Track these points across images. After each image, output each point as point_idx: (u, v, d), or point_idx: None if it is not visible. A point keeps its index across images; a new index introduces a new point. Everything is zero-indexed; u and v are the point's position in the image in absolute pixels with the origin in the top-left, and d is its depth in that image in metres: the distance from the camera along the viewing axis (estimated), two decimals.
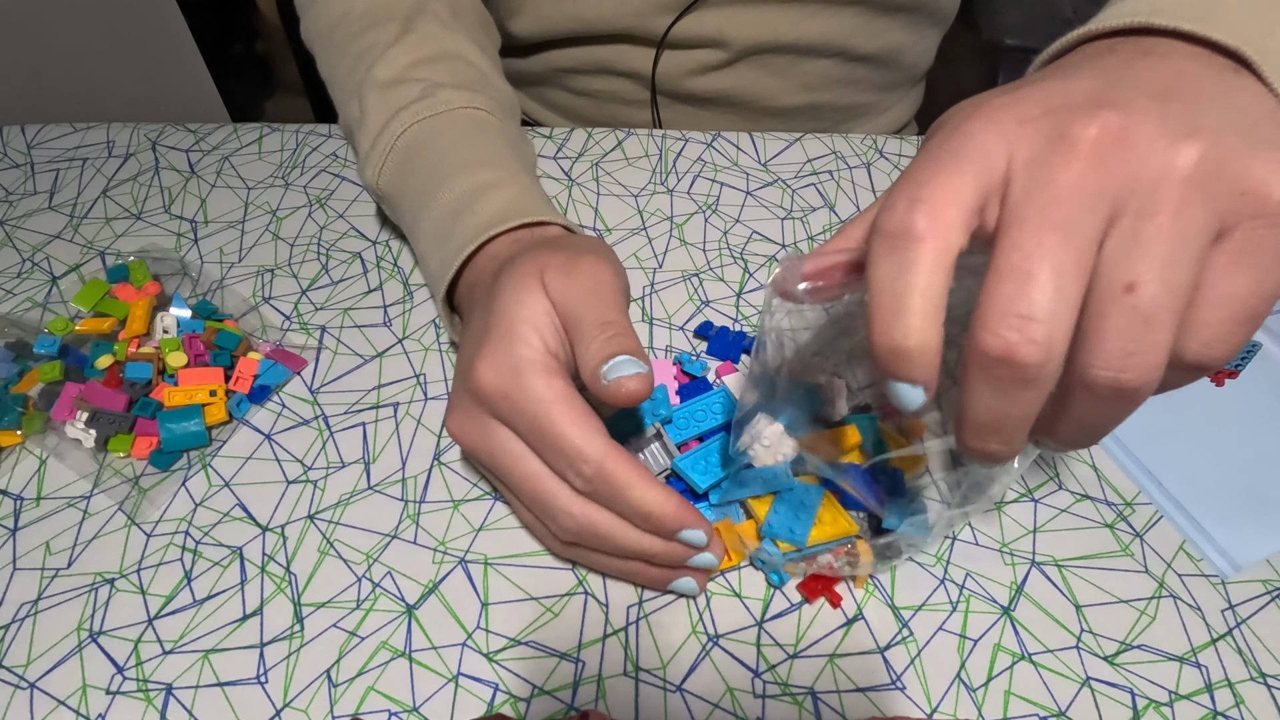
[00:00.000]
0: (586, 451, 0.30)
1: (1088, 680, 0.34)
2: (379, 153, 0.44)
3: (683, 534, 0.31)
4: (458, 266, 0.38)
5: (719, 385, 0.42)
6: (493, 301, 0.33)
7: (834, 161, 0.55)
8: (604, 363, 0.30)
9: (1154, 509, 0.39)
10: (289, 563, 0.37)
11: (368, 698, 0.33)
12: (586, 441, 0.30)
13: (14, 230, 0.50)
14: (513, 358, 0.31)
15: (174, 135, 0.56)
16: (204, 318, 0.44)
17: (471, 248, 0.38)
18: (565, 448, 0.30)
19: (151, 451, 0.39)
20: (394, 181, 0.44)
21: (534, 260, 0.33)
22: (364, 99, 0.45)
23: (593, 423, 0.31)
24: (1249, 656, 0.35)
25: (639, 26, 0.57)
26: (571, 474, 0.31)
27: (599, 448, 0.30)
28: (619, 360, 0.30)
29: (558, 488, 0.32)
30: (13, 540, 0.37)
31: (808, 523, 0.35)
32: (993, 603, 0.36)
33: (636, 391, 0.30)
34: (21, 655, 0.34)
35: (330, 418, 0.42)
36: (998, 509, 0.39)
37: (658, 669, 0.34)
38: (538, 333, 0.32)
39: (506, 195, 0.40)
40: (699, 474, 0.37)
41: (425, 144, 0.43)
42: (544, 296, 0.32)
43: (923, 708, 0.33)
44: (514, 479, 0.32)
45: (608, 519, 0.32)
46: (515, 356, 0.31)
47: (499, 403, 0.31)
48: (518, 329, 0.32)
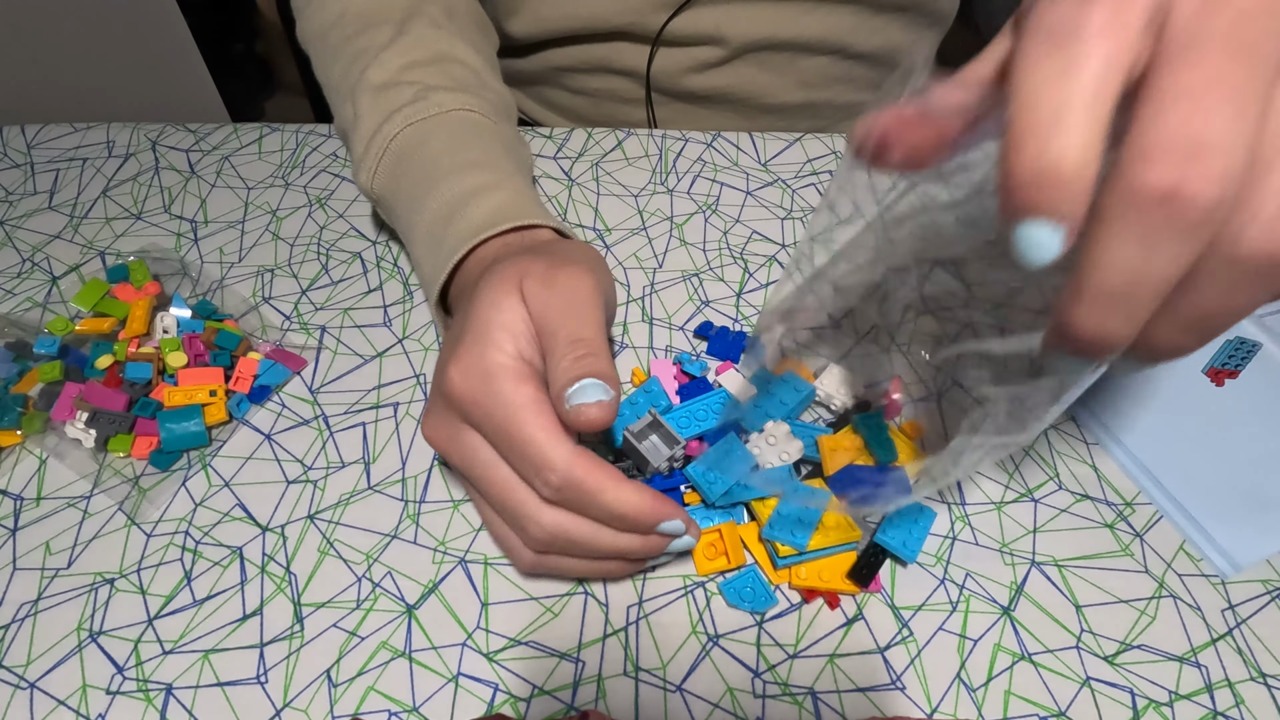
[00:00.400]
0: (552, 458, 0.29)
1: (1088, 680, 0.34)
2: (373, 156, 0.44)
3: (662, 526, 0.31)
4: (448, 271, 0.38)
5: (719, 385, 0.42)
6: (471, 306, 0.33)
7: (834, 161, 0.55)
8: (570, 385, 0.30)
9: (1154, 509, 0.39)
10: (289, 563, 0.37)
11: (368, 698, 0.33)
12: (553, 448, 0.29)
13: (14, 230, 0.50)
14: (485, 362, 0.31)
15: (174, 135, 0.56)
16: (204, 318, 0.44)
17: (461, 252, 0.38)
18: (532, 455, 0.30)
19: (151, 451, 0.39)
20: (388, 185, 0.44)
21: (515, 266, 0.33)
22: (358, 102, 0.45)
23: (561, 430, 0.30)
24: (1249, 656, 0.35)
25: (637, 24, 0.57)
26: (539, 483, 0.30)
27: (565, 455, 0.29)
28: (584, 384, 0.30)
29: (527, 496, 0.31)
30: (13, 540, 0.37)
31: (810, 526, 0.35)
32: (993, 603, 0.36)
33: (597, 419, 0.29)
34: (21, 655, 0.34)
35: (330, 418, 0.42)
36: (997, 509, 0.39)
37: (658, 669, 0.34)
38: (512, 339, 0.31)
39: (498, 199, 0.40)
40: (708, 484, 0.37)
41: (418, 147, 0.43)
42: (520, 303, 0.32)
43: (923, 708, 0.33)
44: (483, 485, 0.32)
45: (581, 525, 0.31)
46: (487, 361, 0.31)
47: (470, 408, 0.31)
48: (492, 334, 0.31)
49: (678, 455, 0.38)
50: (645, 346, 0.45)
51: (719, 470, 0.37)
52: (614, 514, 0.30)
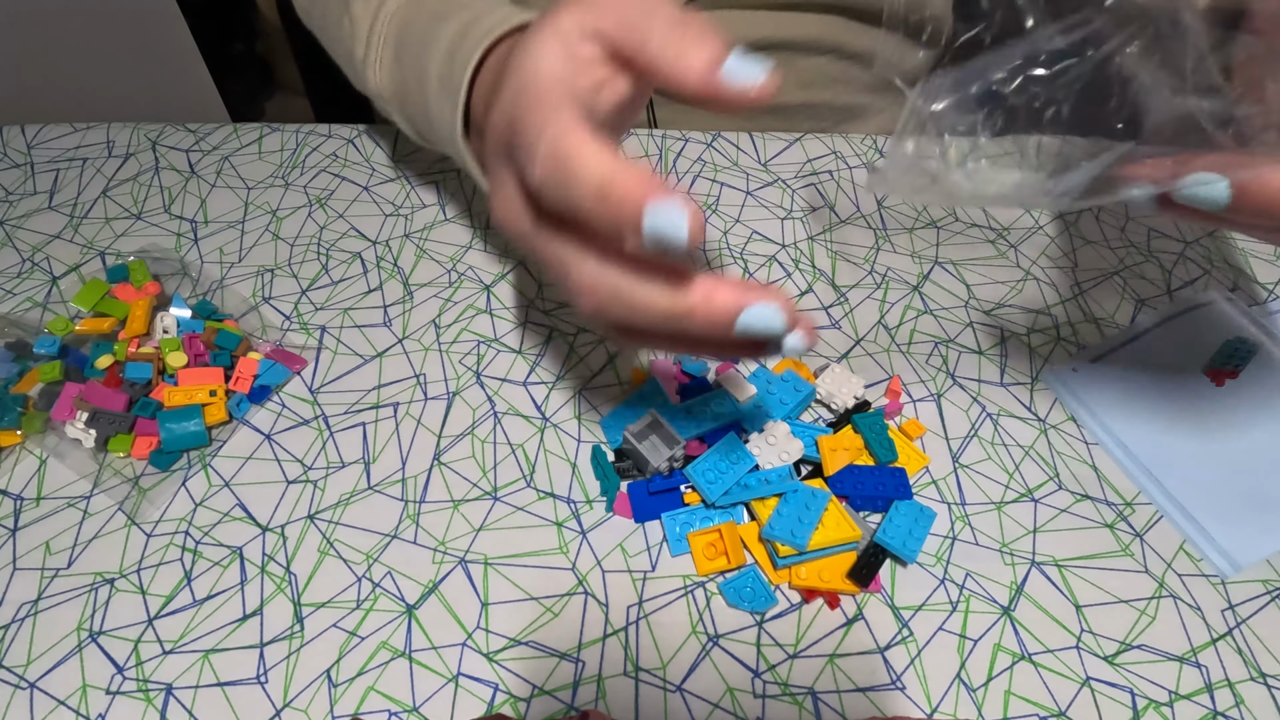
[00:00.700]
0: (542, 127, 0.25)
1: (1088, 680, 0.34)
2: (374, 52, 0.43)
3: (743, 318, 0.25)
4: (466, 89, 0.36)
5: (718, 385, 0.42)
6: (506, 74, 0.28)
7: (834, 161, 0.55)
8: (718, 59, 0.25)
9: (1154, 509, 0.39)
10: (289, 563, 0.37)
11: (368, 698, 0.33)
12: (545, 119, 0.25)
13: (14, 230, 0.50)
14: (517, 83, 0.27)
15: (174, 135, 0.56)
16: (204, 318, 0.44)
17: (475, 59, 0.35)
18: (528, 132, 0.25)
19: (151, 451, 0.39)
20: (392, 71, 0.43)
21: (543, 15, 0.28)
22: (351, 11, 0.45)
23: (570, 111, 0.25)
24: (1249, 656, 0.35)
25: None
26: (529, 170, 0.25)
27: (556, 123, 0.24)
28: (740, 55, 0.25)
29: (571, 257, 0.27)
30: (13, 540, 0.37)
31: (810, 526, 0.35)
32: (993, 603, 0.36)
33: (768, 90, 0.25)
34: (21, 655, 0.34)
35: (330, 418, 0.42)
36: (997, 509, 0.39)
37: (658, 669, 0.34)
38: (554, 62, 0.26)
39: (498, 15, 0.37)
40: (708, 483, 0.37)
41: (411, 20, 0.42)
42: (567, 33, 0.27)
43: (923, 708, 0.33)
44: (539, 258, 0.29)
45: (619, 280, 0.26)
46: (520, 82, 0.27)
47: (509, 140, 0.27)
48: (526, 68, 0.27)
49: (678, 455, 0.38)
50: None
51: (719, 470, 0.37)
52: (591, 192, 0.24)
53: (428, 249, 0.50)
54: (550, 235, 0.28)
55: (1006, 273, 0.49)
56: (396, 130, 0.56)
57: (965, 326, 0.46)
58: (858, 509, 0.38)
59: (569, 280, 0.28)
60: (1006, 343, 0.46)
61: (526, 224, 0.29)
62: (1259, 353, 0.45)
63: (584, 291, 0.27)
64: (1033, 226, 0.52)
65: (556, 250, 0.28)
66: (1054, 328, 0.47)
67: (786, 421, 0.40)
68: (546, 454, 0.41)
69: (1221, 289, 0.49)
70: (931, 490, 0.39)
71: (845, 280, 0.49)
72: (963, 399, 0.43)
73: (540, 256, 0.29)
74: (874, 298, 0.48)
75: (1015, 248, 0.51)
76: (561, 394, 0.43)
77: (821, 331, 0.46)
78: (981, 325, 0.47)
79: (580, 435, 0.41)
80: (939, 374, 0.44)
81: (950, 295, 0.48)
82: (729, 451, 0.38)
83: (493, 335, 0.45)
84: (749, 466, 0.37)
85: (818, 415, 0.42)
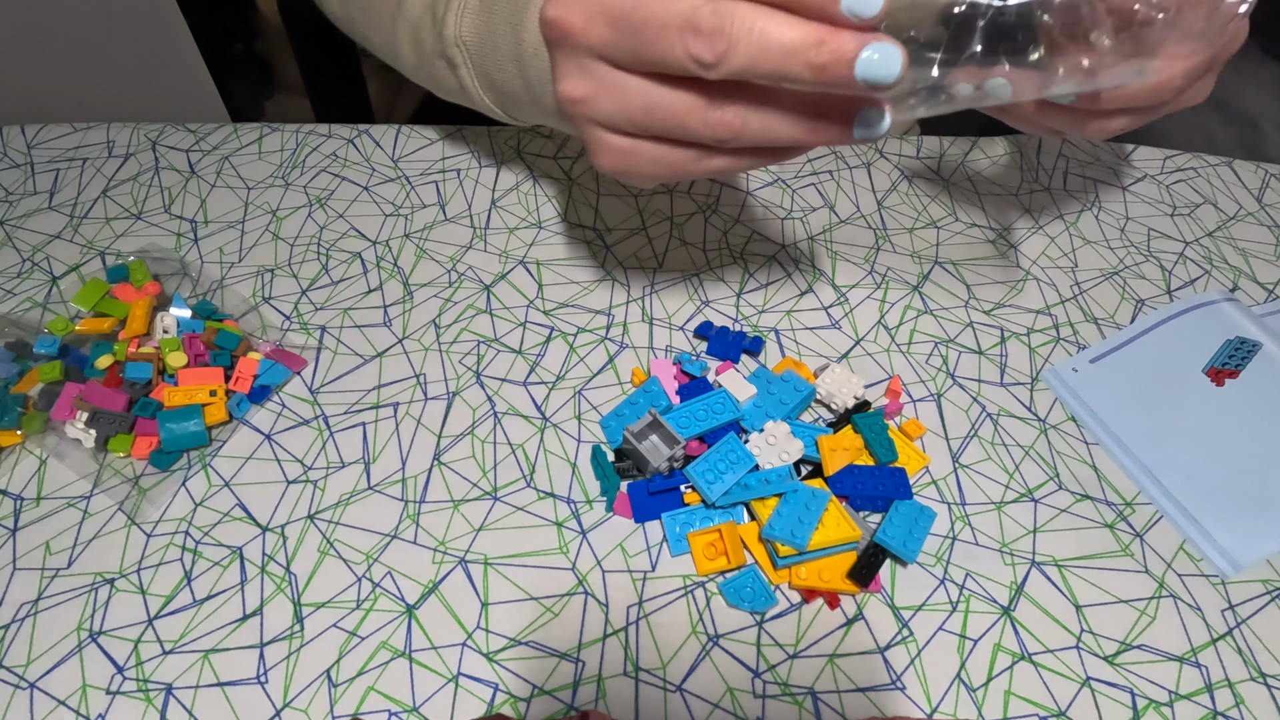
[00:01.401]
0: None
1: (1088, 680, 0.34)
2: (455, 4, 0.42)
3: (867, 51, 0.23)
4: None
5: (719, 385, 0.42)
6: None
7: (834, 161, 0.55)
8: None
9: (1154, 509, 0.39)
10: (289, 563, 0.37)
11: (368, 698, 0.33)
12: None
13: (14, 230, 0.50)
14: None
15: (174, 135, 0.56)
16: (204, 318, 0.44)
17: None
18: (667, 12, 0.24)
19: (151, 451, 0.39)
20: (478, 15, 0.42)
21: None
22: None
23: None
24: (1249, 656, 0.35)
25: None
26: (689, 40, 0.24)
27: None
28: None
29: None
30: (13, 540, 0.37)
31: (810, 526, 0.35)
32: (993, 603, 0.36)
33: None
34: (21, 655, 0.34)
35: (330, 418, 0.42)
36: (997, 509, 0.39)
37: (658, 669, 0.34)
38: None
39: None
40: (708, 483, 0.37)
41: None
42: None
43: (923, 708, 0.33)
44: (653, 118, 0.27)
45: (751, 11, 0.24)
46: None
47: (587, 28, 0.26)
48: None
49: (678, 455, 0.38)
50: (645, 346, 0.45)
51: (719, 470, 0.37)
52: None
53: (428, 249, 0.50)
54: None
55: (1006, 273, 0.49)
56: (397, 130, 0.56)
57: (965, 326, 0.46)
58: (858, 509, 0.38)
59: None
60: (1006, 343, 0.46)
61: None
62: (1259, 353, 0.45)
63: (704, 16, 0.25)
64: (1033, 226, 0.52)
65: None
66: (1054, 328, 0.47)
67: (786, 421, 0.40)
68: (546, 454, 0.41)
69: (1221, 289, 0.49)
70: (931, 490, 0.39)
71: (845, 280, 0.49)
72: (963, 399, 0.43)
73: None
74: (874, 298, 0.48)
75: (1015, 248, 0.51)
76: (561, 394, 0.43)
77: (821, 331, 0.46)
78: (981, 325, 0.47)
79: (580, 435, 0.41)
80: (939, 374, 0.44)
81: (950, 295, 0.48)
82: (729, 451, 0.38)
83: (493, 335, 0.45)
84: (749, 466, 0.37)
85: (818, 415, 0.42)
